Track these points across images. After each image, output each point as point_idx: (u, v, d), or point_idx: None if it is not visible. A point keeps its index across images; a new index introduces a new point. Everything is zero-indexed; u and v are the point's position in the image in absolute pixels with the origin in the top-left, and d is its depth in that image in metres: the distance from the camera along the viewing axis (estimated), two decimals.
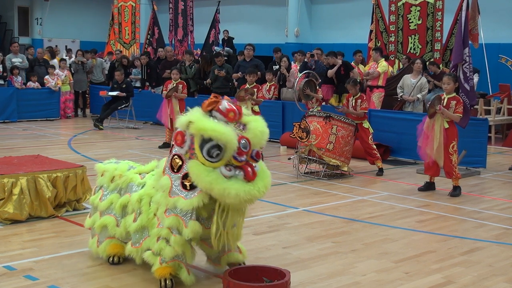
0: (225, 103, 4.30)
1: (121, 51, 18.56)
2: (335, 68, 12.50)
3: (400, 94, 11.42)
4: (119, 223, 4.89)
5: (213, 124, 4.16)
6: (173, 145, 4.44)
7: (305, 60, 13.58)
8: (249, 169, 4.22)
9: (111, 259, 5.07)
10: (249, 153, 4.24)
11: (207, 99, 4.34)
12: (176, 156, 4.36)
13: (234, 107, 4.33)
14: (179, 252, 4.41)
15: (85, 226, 5.39)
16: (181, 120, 4.32)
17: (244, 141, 4.21)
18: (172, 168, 4.37)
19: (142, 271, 4.96)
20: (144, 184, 4.82)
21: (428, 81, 11.82)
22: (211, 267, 4.91)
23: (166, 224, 4.36)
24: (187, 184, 4.27)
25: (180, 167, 4.32)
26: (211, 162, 4.15)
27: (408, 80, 11.31)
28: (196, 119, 4.21)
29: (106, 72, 17.61)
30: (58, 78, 16.25)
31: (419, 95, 11.08)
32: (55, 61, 17.60)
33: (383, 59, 12.79)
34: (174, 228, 4.33)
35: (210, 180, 4.11)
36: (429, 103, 8.12)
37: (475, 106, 12.42)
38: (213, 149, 4.14)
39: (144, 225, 4.63)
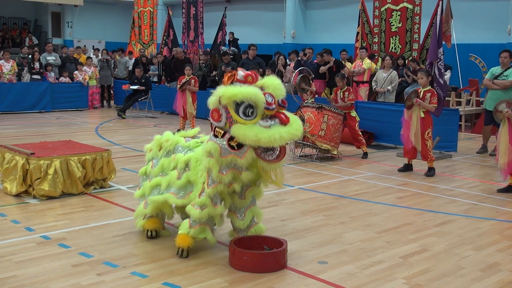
0: (240, 72, 4.27)
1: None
2: (327, 66, 12.53)
3: (374, 87, 11.57)
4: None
5: (239, 88, 4.12)
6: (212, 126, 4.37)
7: (299, 58, 13.54)
8: (282, 115, 4.18)
9: (149, 233, 4.99)
10: (276, 102, 4.20)
11: (225, 75, 4.32)
12: (217, 128, 4.29)
13: (249, 72, 4.31)
14: (212, 215, 4.38)
15: (134, 196, 5.27)
16: (211, 100, 4.23)
17: (267, 96, 4.17)
18: (215, 136, 4.28)
19: (161, 240, 4.98)
20: (189, 148, 4.74)
21: (408, 76, 11.81)
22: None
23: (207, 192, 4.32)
24: (234, 144, 4.18)
25: (224, 134, 4.24)
26: (250, 120, 4.11)
27: (381, 74, 11.50)
28: (223, 91, 4.16)
29: (130, 68, 17.56)
30: (85, 74, 16.24)
31: (389, 87, 11.18)
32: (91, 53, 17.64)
33: (367, 57, 12.77)
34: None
35: (255, 133, 4.05)
36: (406, 96, 8.10)
37: (447, 98, 12.40)
38: (247, 109, 4.11)
39: (190, 181, 4.56)
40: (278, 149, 4.23)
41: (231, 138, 4.19)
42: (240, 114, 4.13)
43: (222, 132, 4.25)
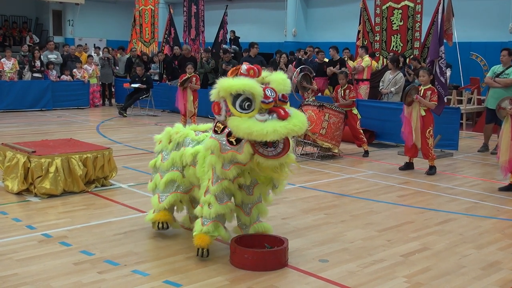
0: (244, 66, 4.23)
1: (136, 49, 18.46)
2: (334, 69, 12.58)
3: (380, 88, 11.56)
4: (184, 175, 4.73)
5: (235, 81, 4.08)
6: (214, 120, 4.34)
7: (299, 57, 13.54)
8: (281, 110, 4.06)
9: (160, 225, 4.91)
10: (276, 98, 4.12)
11: (230, 70, 4.29)
12: (218, 122, 4.25)
13: (252, 66, 4.25)
14: (220, 213, 4.32)
15: (148, 189, 5.21)
16: (213, 92, 4.19)
17: (268, 90, 4.10)
18: (215, 131, 4.24)
19: (162, 238, 4.98)
20: (198, 141, 4.69)
21: (409, 74, 11.81)
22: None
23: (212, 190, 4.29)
24: (233, 140, 4.12)
25: (223, 129, 4.19)
26: (246, 113, 4.04)
27: (388, 75, 11.47)
28: (221, 83, 4.12)
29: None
30: (84, 71, 16.22)
31: (392, 89, 11.17)
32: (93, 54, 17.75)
33: (368, 55, 12.77)
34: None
35: (248, 126, 3.96)
36: (406, 92, 8.08)
37: (449, 97, 12.39)
38: (244, 102, 4.04)
39: (197, 177, 4.52)
40: (281, 146, 4.13)
41: (230, 133, 4.13)
42: (237, 107, 4.07)
43: (222, 127, 4.20)
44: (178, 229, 5.17)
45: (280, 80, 4.23)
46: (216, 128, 4.24)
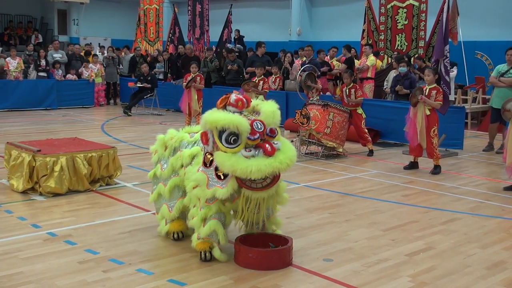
0: (233, 96, 4.19)
1: (140, 49, 18.47)
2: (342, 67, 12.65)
3: (385, 87, 11.56)
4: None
5: (222, 115, 4.04)
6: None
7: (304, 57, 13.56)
8: (267, 145, 3.99)
9: (175, 235, 4.86)
10: (264, 132, 4.06)
11: (219, 98, 4.26)
12: (207, 153, 4.24)
13: (241, 97, 4.21)
14: (212, 230, 4.29)
15: (149, 201, 5.15)
16: (201, 121, 4.19)
17: (256, 123, 4.05)
18: (205, 164, 4.23)
19: (166, 237, 4.98)
20: (195, 141, 4.66)
21: (414, 73, 11.78)
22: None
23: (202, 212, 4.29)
24: (221, 174, 4.11)
25: (212, 161, 4.17)
26: (231, 148, 4.00)
27: (392, 75, 11.49)
28: (207, 115, 4.10)
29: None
30: (91, 71, 16.28)
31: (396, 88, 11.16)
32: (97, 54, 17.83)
33: (372, 54, 12.76)
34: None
35: (232, 163, 3.93)
36: (411, 93, 8.08)
37: (454, 96, 12.39)
38: (229, 136, 4.00)
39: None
40: (271, 177, 4.08)
41: (218, 168, 4.12)
42: (223, 141, 4.02)
43: (210, 159, 4.18)
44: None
45: (269, 113, 4.15)
46: (205, 160, 4.24)
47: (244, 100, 4.20)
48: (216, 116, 4.05)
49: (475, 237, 5.27)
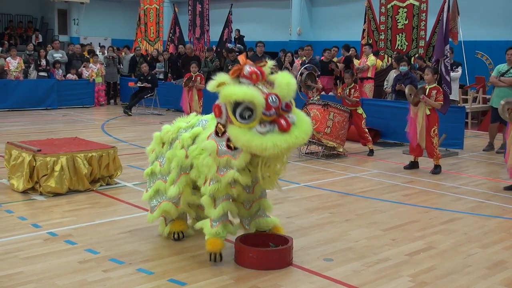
0: (247, 67, 4.04)
1: (140, 48, 18.44)
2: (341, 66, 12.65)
3: (385, 87, 11.60)
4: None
5: (236, 89, 3.92)
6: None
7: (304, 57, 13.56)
8: (282, 121, 3.89)
9: (176, 235, 4.83)
10: (279, 107, 3.93)
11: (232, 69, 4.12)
12: (219, 124, 4.15)
13: (256, 69, 4.05)
14: (225, 210, 4.25)
15: (142, 199, 5.07)
16: (211, 84, 4.04)
17: (271, 97, 3.92)
18: (216, 133, 4.15)
19: (166, 237, 4.98)
20: (193, 125, 4.56)
21: (415, 73, 11.78)
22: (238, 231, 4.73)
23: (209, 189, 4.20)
24: (232, 145, 4.05)
25: (224, 132, 4.09)
26: (246, 124, 3.90)
27: (392, 74, 11.49)
28: (222, 89, 3.98)
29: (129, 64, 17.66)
30: (92, 71, 16.28)
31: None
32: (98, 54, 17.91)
33: (372, 54, 12.76)
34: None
35: (247, 139, 3.84)
36: (413, 93, 8.07)
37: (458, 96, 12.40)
38: (244, 111, 3.89)
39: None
40: None
41: (230, 139, 4.05)
42: (237, 116, 3.92)
43: (223, 130, 4.10)
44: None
45: (284, 84, 4.02)
46: (217, 129, 4.15)
47: (259, 72, 4.05)
48: (229, 90, 3.93)
49: (476, 236, 5.27)
